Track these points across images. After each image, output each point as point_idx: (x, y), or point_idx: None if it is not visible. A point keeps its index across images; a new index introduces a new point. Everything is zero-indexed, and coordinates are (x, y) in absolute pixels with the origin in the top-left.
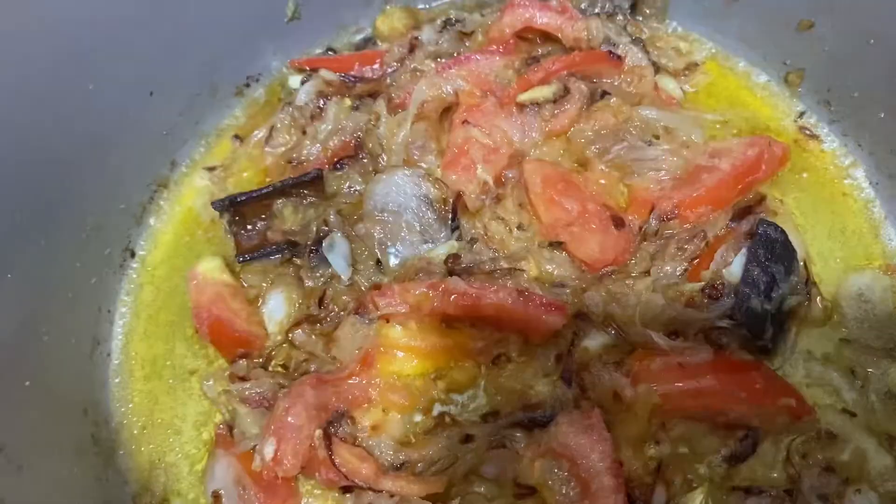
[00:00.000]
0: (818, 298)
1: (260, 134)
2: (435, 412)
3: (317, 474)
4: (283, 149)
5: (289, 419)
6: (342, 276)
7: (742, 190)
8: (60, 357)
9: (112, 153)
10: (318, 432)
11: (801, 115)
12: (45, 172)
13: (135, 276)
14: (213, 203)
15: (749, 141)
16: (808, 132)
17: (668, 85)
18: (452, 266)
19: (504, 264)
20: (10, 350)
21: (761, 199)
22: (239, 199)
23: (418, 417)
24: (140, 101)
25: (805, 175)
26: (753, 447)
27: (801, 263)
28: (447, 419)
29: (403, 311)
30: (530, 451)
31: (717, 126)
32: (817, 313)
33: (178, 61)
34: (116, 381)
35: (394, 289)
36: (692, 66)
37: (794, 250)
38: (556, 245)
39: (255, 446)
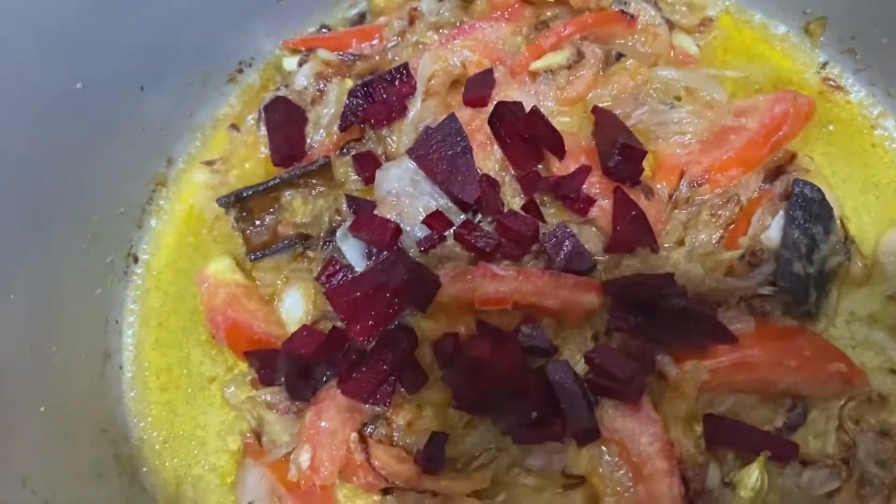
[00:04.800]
0: (858, 257)
1: (252, 118)
2: None
3: (354, 478)
4: None
5: (322, 424)
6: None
7: (772, 149)
8: (72, 376)
9: (106, 155)
10: (354, 435)
11: (824, 65)
12: (36, 183)
13: (140, 282)
14: (217, 200)
15: (775, 97)
16: (832, 83)
17: (684, 42)
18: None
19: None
20: (21, 376)
21: (792, 157)
22: (245, 194)
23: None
24: (131, 98)
25: (832, 128)
26: (804, 416)
27: (839, 222)
28: None
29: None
30: None
31: (738, 88)
32: (858, 272)
33: (167, 51)
34: (132, 394)
35: None
36: (706, 22)
37: (831, 209)
38: (585, 220)
39: (287, 454)
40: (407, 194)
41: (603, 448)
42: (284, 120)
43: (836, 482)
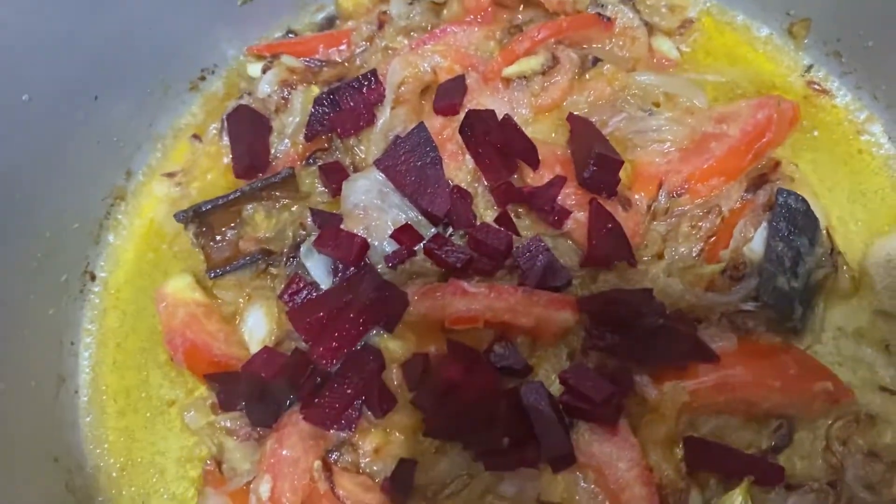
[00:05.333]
0: (844, 268)
1: (215, 128)
2: None
3: None
4: None
5: (283, 452)
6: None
7: (754, 157)
8: (22, 403)
9: (59, 169)
10: (318, 463)
11: (809, 68)
12: None
13: (97, 301)
14: (175, 215)
15: (757, 102)
16: (817, 87)
17: (663, 46)
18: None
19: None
20: None
21: (776, 165)
22: (204, 209)
23: None
24: (84, 108)
25: (817, 133)
26: (789, 437)
27: (825, 232)
28: None
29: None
30: None
31: (720, 94)
32: (845, 285)
33: (123, 58)
34: (87, 419)
35: None
36: (687, 24)
37: (816, 219)
38: (561, 233)
39: (248, 483)
40: (375, 207)
41: (579, 474)
42: (247, 129)
43: None
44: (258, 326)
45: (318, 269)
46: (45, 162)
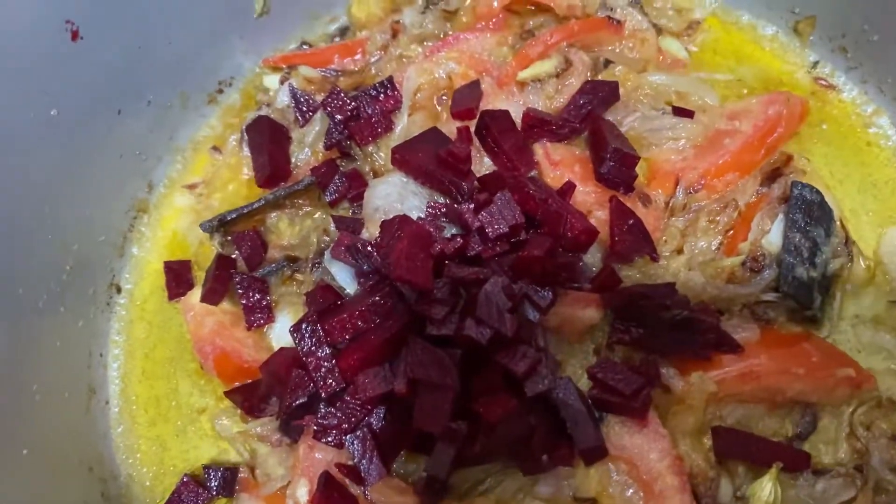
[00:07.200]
0: (859, 258)
1: (234, 139)
2: None
3: None
4: None
5: (316, 455)
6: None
7: (767, 151)
8: (56, 414)
9: (85, 183)
10: None
11: (815, 64)
12: (13, 214)
13: (123, 312)
14: (201, 225)
15: (767, 98)
16: (824, 83)
17: (672, 46)
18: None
19: None
20: (4, 422)
21: (788, 158)
22: (229, 217)
23: None
24: (108, 122)
25: (826, 127)
26: (814, 424)
27: (839, 223)
28: None
29: None
30: None
31: (730, 91)
32: (860, 273)
33: (144, 72)
34: (119, 430)
35: None
36: (694, 25)
37: (830, 210)
38: None
39: (282, 488)
40: (395, 210)
41: (611, 466)
42: (267, 140)
43: (851, 491)
44: (285, 331)
45: (343, 275)
46: (72, 175)
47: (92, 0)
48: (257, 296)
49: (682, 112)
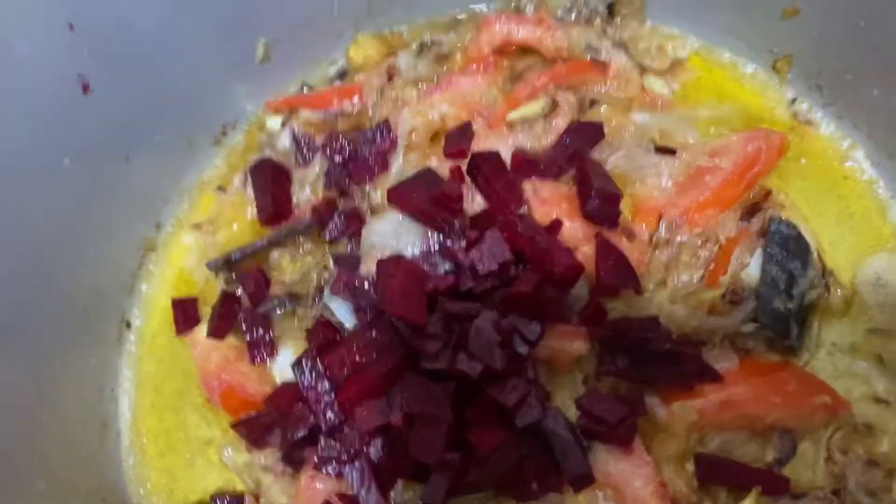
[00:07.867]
0: (836, 288)
1: (239, 180)
2: None
3: None
4: None
5: (317, 485)
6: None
7: (747, 187)
8: (70, 447)
9: (95, 226)
10: None
11: (793, 101)
12: (27, 258)
13: (133, 349)
14: (207, 264)
15: (747, 136)
16: (801, 119)
17: (656, 85)
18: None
19: None
20: (21, 456)
21: (767, 193)
22: (234, 258)
23: None
24: (118, 168)
25: (804, 161)
26: (793, 449)
27: (816, 255)
28: None
29: None
30: None
31: (711, 128)
32: (837, 303)
33: (151, 120)
34: (130, 461)
35: None
36: (677, 64)
37: (807, 243)
38: None
39: None
40: (390, 247)
41: (598, 493)
42: (270, 181)
43: None
44: (288, 365)
45: (342, 310)
46: (85, 219)
47: (102, 54)
48: (260, 331)
49: (664, 150)
